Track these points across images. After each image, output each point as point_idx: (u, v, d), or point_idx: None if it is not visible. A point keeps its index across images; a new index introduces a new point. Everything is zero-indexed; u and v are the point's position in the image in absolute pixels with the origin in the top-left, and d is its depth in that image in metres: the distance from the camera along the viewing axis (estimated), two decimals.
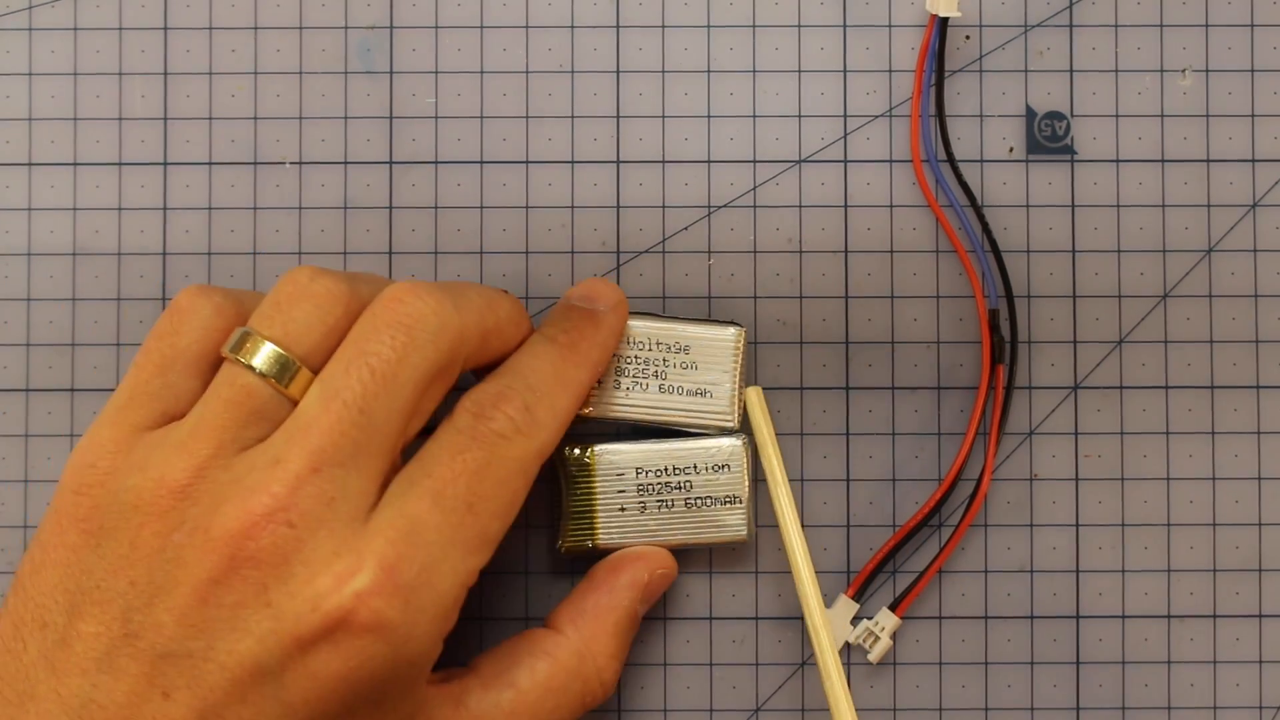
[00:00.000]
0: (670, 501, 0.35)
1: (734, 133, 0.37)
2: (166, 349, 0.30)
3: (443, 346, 0.30)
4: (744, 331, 0.35)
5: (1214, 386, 0.37)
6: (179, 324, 0.30)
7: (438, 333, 0.30)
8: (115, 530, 0.28)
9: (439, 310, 0.30)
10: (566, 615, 0.33)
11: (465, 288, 0.32)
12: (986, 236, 0.36)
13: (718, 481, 0.35)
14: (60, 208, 0.37)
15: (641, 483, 0.35)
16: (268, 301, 0.30)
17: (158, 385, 0.30)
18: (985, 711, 0.36)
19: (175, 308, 0.31)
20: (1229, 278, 0.37)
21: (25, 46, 0.37)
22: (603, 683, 0.33)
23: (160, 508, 0.28)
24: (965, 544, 0.36)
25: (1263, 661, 0.36)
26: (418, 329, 0.29)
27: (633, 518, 0.35)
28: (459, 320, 0.30)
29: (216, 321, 0.30)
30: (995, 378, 0.36)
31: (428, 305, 0.30)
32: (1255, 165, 0.37)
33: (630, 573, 0.34)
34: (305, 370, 0.29)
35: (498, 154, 0.37)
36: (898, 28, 0.37)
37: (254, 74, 0.37)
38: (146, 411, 0.30)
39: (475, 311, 0.31)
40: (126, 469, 0.29)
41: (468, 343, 0.31)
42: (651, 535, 0.35)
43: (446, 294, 0.30)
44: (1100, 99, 0.37)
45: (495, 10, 0.37)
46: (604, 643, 0.33)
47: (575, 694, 0.32)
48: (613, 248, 0.37)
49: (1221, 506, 0.36)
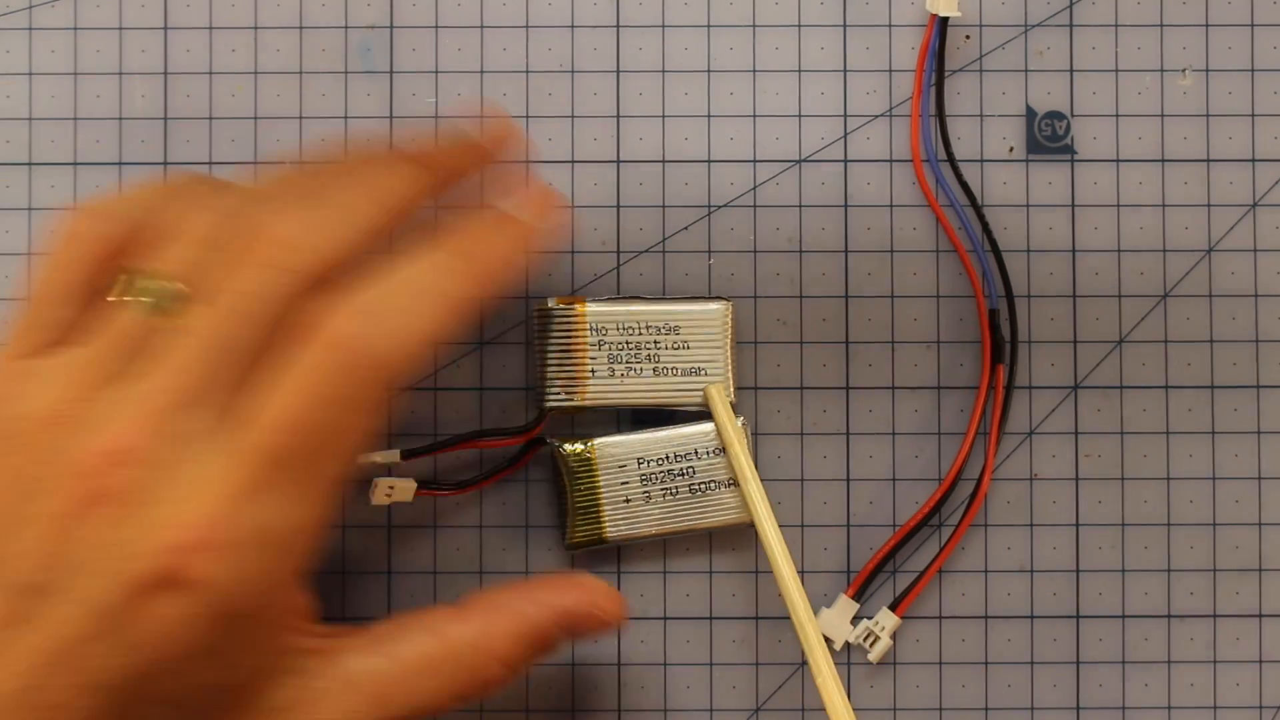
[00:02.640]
0: (674, 489, 0.35)
1: (734, 133, 0.37)
2: (57, 279, 0.30)
3: (306, 274, 0.29)
4: (731, 305, 0.35)
5: (1214, 386, 0.37)
6: (66, 252, 0.30)
7: (299, 266, 0.29)
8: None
9: (300, 243, 0.29)
10: (480, 603, 0.32)
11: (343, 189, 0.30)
12: (986, 236, 0.36)
13: (719, 465, 0.35)
14: (60, 208, 0.37)
15: (644, 473, 0.35)
16: (161, 232, 0.29)
17: (46, 316, 0.30)
18: (985, 711, 0.36)
19: (64, 234, 0.30)
20: (1229, 278, 0.37)
21: (25, 46, 0.37)
22: (485, 682, 0.31)
23: (37, 439, 0.28)
24: (965, 544, 0.36)
25: (1263, 661, 0.36)
26: (273, 267, 0.28)
27: (639, 508, 0.35)
28: (326, 247, 0.29)
29: (99, 250, 0.30)
30: (995, 378, 0.36)
31: (290, 236, 0.29)
32: (1255, 165, 0.37)
33: (570, 597, 0.32)
34: (196, 300, 0.29)
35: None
36: (898, 27, 0.37)
37: (254, 74, 0.37)
38: (35, 340, 0.29)
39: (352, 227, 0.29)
40: (12, 397, 0.29)
41: (343, 263, 0.29)
42: (659, 524, 0.35)
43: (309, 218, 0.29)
44: (1100, 99, 0.37)
45: (495, 10, 0.37)
46: (504, 645, 0.31)
47: (452, 682, 0.31)
48: (613, 248, 0.37)
49: (1221, 506, 0.36)
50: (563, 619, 0.32)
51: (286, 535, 0.28)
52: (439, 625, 0.32)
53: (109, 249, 0.30)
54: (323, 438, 0.28)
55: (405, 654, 0.31)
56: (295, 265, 0.29)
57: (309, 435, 0.28)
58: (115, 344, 0.29)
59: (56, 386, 0.28)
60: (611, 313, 0.35)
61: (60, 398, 0.28)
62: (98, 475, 0.27)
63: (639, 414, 0.36)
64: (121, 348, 0.29)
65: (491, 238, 0.31)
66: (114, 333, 0.29)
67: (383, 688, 0.30)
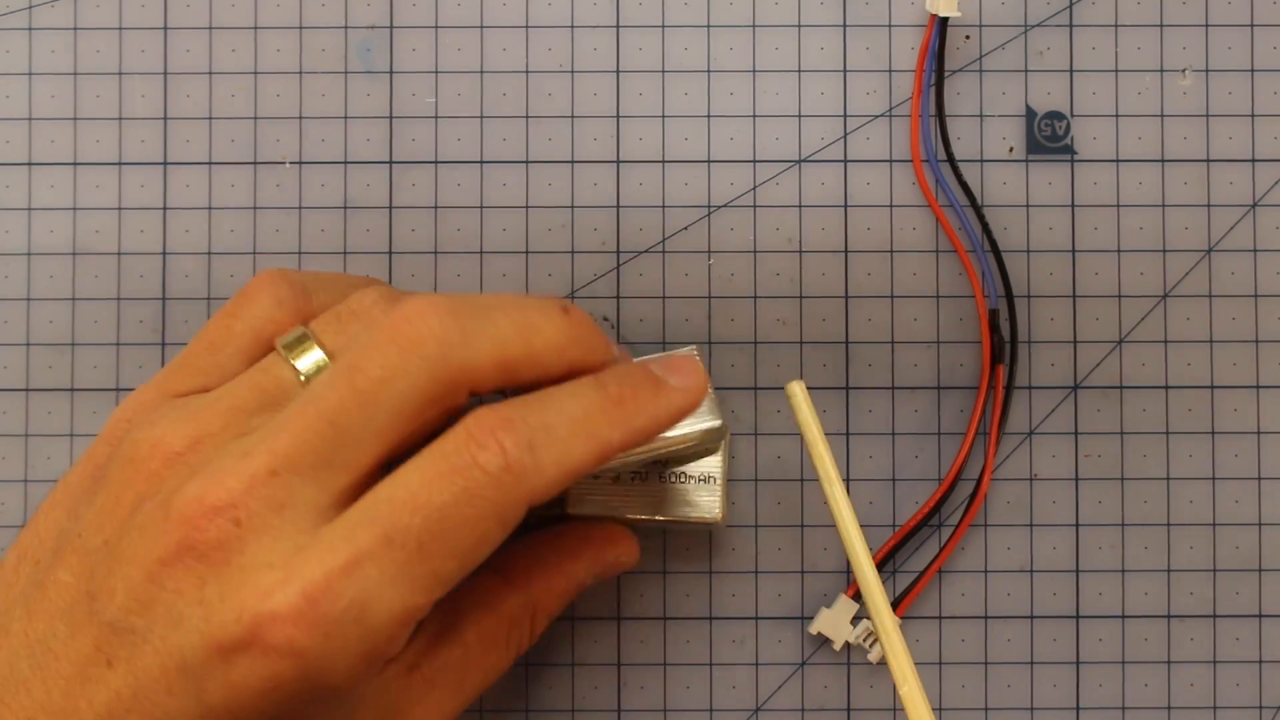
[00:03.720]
0: (645, 474, 0.34)
1: (734, 133, 0.37)
2: (223, 329, 0.30)
3: (439, 376, 0.28)
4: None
5: (1214, 386, 0.37)
6: (240, 307, 0.30)
7: (435, 362, 0.28)
8: (109, 481, 0.29)
9: (443, 338, 0.28)
10: (521, 566, 0.33)
11: (497, 310, 0.29)
12: (986, 236, 0.36)
13: (702, 461, 0.34)
14: (60, 208, 0.37)
15: None
16: (335, 310, 0.30)
17: (205, 362, 0.30)
18: (985, 711, 0.36)
19: (244, 291, 0.31)
20: (1229, 278, 0.37)
21: (25, 46, 0.37)
22: (533, 635, 0.33)
23: (150, 469, 0.28)
24: (965, 544, 0.36)
25: (1263, 661, 0.36)
26: (413, 353, 0.28)
27: (605, 486, 0.34)
28: (464, 353, 0.28)
29: (276, 313, 0.30)
30: (995, 378, 0.36)
31: (431, 330, 0.28)
32: (1255, 165, 0.37)
33: (597, 548, 0.34)
34: None
35: (498, 154, 0.37)
36: (898, 28, 0.37)
37: (254, 74, 0.37)
38: (187, 382, 0.30)
39: (493, 342, 0.28)
40: (143, 423, 0.29)
41: (474, 374, 0.28)
42: (623, 509, 0.34)
43: (459, 319, 0.28)
44: (1100, 99, 0.37)
45: (495, 10, 0.37)
46: (548, 602, 0.33)
47: (512, 646, 0.32)
48: (613, 248, 0.37)
49: (1221, 506, 0.36)
50: (595, 568, 0.34)
51: (385, 617, 0.27)
52: (492, 599, 0.32)
53: (277, 311, 0.30)
54: (446, 528, 0.27)
55: (469, 636, 0.31)
56: (434, 356, 0.28)
57: (432, 521, 0.27)
58: (256, 396, 0.29)
59: (186, 426, 0.29)
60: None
61: (187, 435, 0.28)
62: (195, 525, 0.27)
63: None
64: (260, 401, 0.29)
65: (643, 393, 0.30)
66: (254, 387, 0.29)
67: (458, 674, 0.31)
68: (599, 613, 0.36)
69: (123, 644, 0.27)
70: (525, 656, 0.36)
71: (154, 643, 0.27)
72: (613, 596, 0.36)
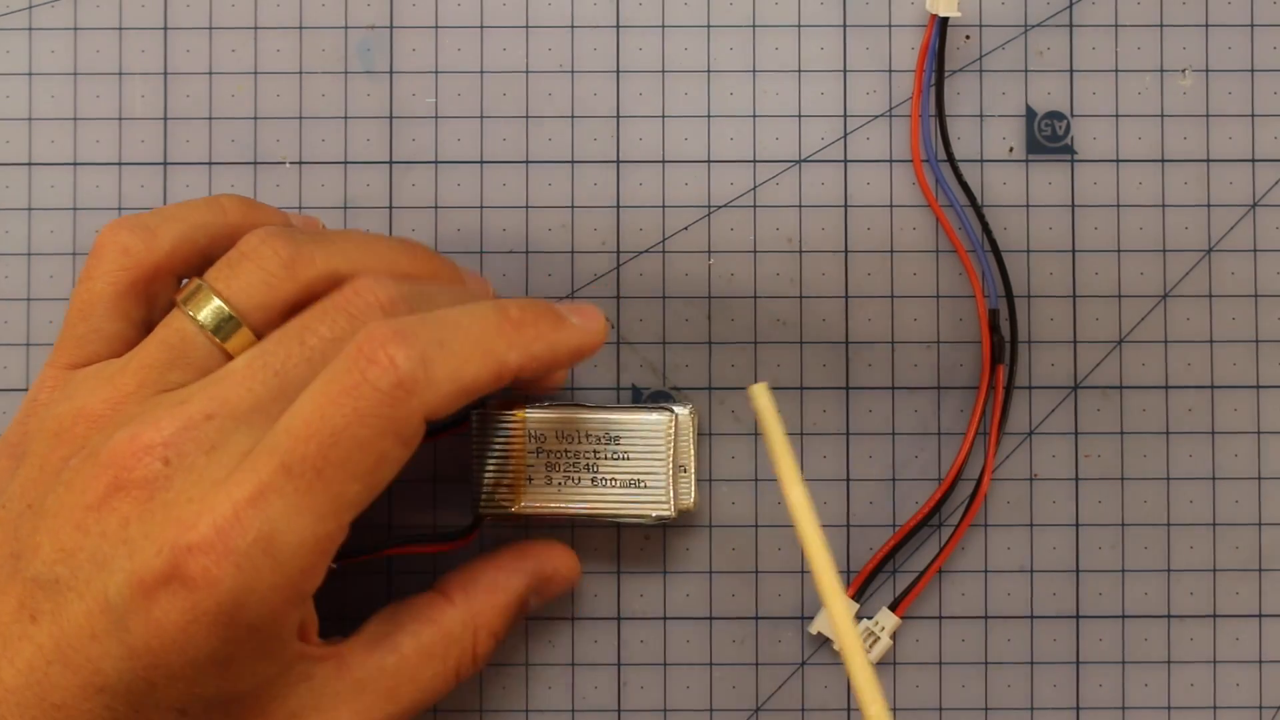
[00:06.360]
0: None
1: (734, 133, 0.37)
2: (85, 294, 0.31)
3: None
4: (681, 416, 0.34)
5: (1214, 386, 0.37)
6: (93, 268, 0.31)
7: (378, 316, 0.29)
8: (32, 454, 0.29)
9: (389, 308, 0.29)
10: (458, 583, 0.33)
11: (458, 290, 0.31)
12: (986, 236, 0.36)
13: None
14: (60, 208, 0.37)
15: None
16: (226, 257, 0.30)
17: (82, 329, 0.31)
18: (985, 711, 0.36)
19: (92, 250, 0.31)
20: (1229, 278, 0.37)
21: (25, 46, 0.37)
22: (476, 657, 0.33)
23: (74, 434, 0.29)
24: (965, 544, 0.36)
25: (1263, 661, 0.36)
26: (362, 320, 0.29)
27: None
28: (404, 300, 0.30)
29: (125, 261, 0.31)
30: (995, 378, 0.36)
31: (380, 299, 0.29)
32: (1255, 165, 0.37)
33: (534, 561, 0.34)
34: (246, 329, 0.30)
35: (498, 154, 0.37)
36: (898, 28, 0.37)
37: (254, 74, 0.37)
38: (75, 354, 0.31)
39: (443, 299, 0.30)
40: (57, 399, 0.30)
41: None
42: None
43: (401, 286, 0.30)
44: (1100, 99, 0.37)
45: (495, 10, 0.37)
46: (489, 618, 0.33)
47: (452, 662, 0.32)
48: (613, 248, 0.37)
49: (1221, 506, 0.36)
50: (535, 584, 0.34)
51: (295, 547, 0.27)
52: (430, 612, 0.32)
53: (157, 265, 0.31)
54: (341, 451, 0.27)
55: (407, 646, 0.32)
56: (369, 318, 0.29)
57: (326, 445, 0.27)
58: (165, 353, 0.29)
59: (102, 390, 0.29)
60: (550, 420, 0.34)
61: (105, 399, 0.29)
62: (124, 465, 0.27)
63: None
64: (169, 357, 0.29)
65: (544, 322, 0.30)
66: (161, 343, 0.30)
67: (392, 681, 0.31)
68: (599, 613, 0.36)
69: (47, 596, 0.27)
70: (525, 657, 0.36)
71: (78, 589, 0.27)
72: (613, 597, 0.36)
